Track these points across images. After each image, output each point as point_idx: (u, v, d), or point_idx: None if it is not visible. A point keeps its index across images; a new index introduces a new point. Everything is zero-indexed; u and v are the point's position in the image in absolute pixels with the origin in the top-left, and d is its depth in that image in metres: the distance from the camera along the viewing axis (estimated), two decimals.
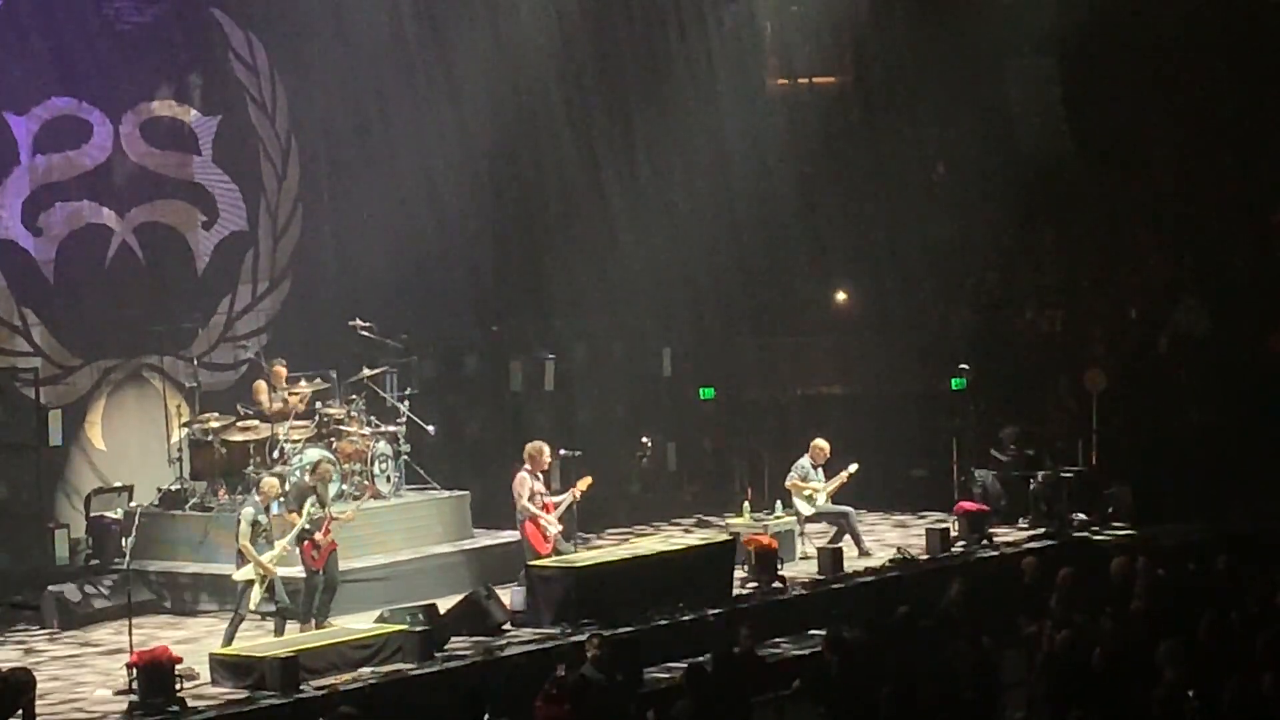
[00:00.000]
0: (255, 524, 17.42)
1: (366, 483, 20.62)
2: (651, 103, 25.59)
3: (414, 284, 23.86)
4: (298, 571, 18.14)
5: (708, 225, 25.43)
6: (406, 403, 21.68)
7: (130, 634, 17.04)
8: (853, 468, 21.58)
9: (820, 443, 21.65)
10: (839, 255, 26.54)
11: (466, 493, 21.75)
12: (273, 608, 17.54)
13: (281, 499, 18.04)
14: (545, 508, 19.28)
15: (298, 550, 17.89)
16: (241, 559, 17.45)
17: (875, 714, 12.71)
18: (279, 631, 17.53)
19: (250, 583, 17.33)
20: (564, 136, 25.36)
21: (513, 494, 19.31)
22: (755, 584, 19.76)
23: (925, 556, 21.06)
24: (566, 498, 19.51)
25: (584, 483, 19.67)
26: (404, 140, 24.07)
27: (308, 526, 17.79)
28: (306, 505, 17.86)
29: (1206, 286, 25.02)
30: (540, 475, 19.45)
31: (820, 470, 21.62)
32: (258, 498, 17.79)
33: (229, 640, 17.25)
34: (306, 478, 18.71)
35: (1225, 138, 24.46)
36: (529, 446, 19.53)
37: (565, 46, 24.92)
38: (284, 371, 20.96)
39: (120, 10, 22.42)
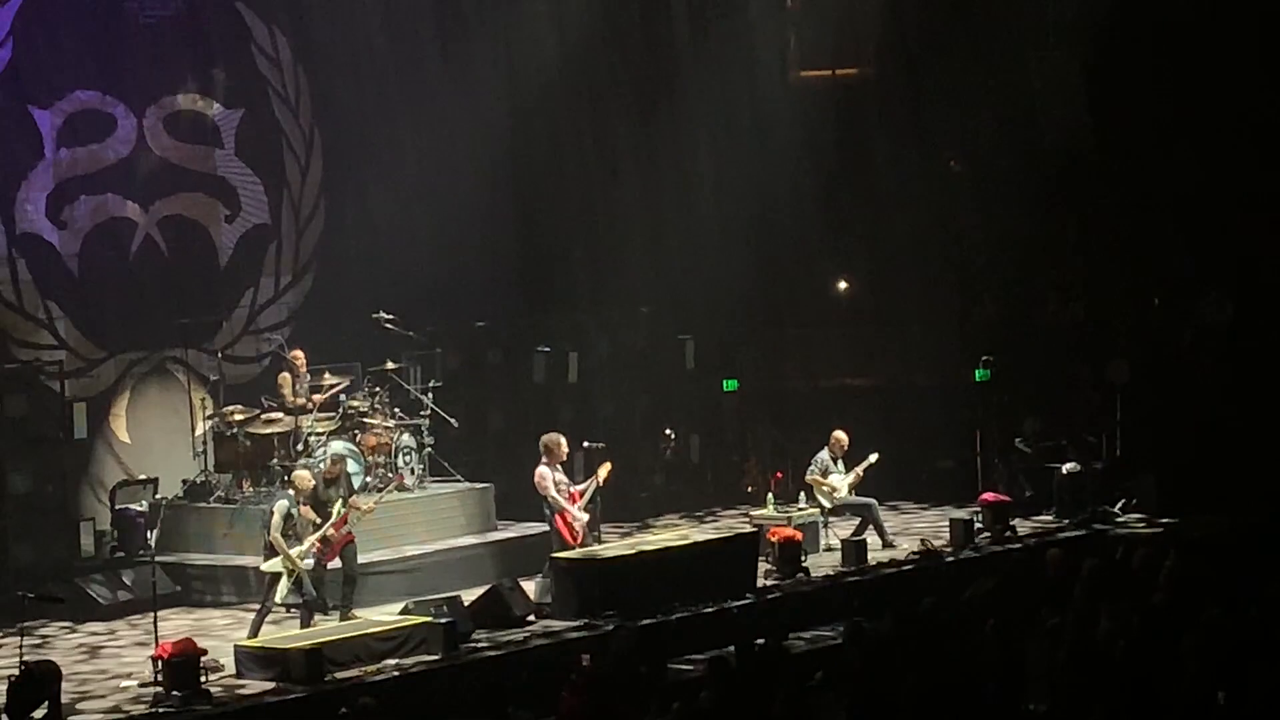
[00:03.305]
0: (288, 517, 17.45)
1: (391, 474, 20.67)
2: (672, 94, 25.58)
3: (437, 277, 23.88)
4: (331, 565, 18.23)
5: (730, 217, 25.41)
6: (430, 395, 21.73)
7: (155, 626, 17.11)
8: (872, 458, 21.58)
9: (839, 434, 21.63)
10: (861, 247, 26.52)
11: (490, 485, 21.79)
12: (299, 600, 17.59)
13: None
14: (572, 498, 19.29)
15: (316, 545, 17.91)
16: (269, 551, 17.48)
17: (898, 706, 12.71)
18: (305, 623, 17.57)
19: (278, 575, 17.37)
20: (585, 130, 25.37)
21: (536, 489, 19.32)
22: (779, 576, 19.77)
23: (949, 548, 21.08)
24: (590, 485, 19.51)
25: (604, 469, 19.65)
26: (427, 133, 24.09)
27: (322, 521, 17.82)
28: (326, 501, 17.91)
29: (1230, 277, 24.95)
30: (560, 467, 19.44)
31: (841, 462, 21.61)
32: (291, 491, 17.81)
33: (255, 632, 17.30)
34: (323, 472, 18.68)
35: (1249, 127, 24.38)
36: (545, 439, 19.50)
37: (584, 40, 24.92)
38: (303, 355, 21.00)
39: (144, 4, 22.46)
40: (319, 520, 17.76)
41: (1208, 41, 24.16)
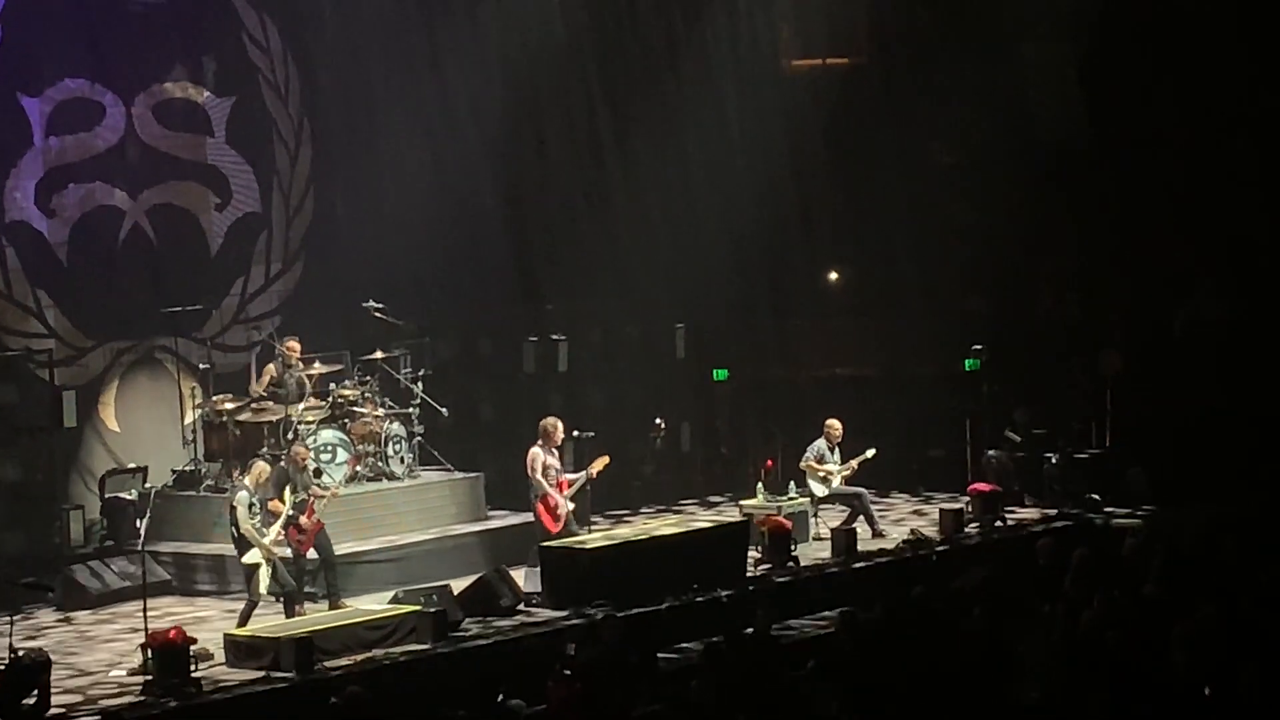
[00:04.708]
0: (251, 507, 17.43)
1: (380, 464, 20.64)
2: (666, 82, 25.55)
3: (427, 266, 23.86)
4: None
5: (721, 206, 25.38)
6: (420, 384, 21.71)
7: (145, 615, 17.07)
8: (870, 453, 21.56)
9: (833, 422, 21.65)
10: (853, 237, 26.50)
11: (480, 474, 21.78)
12: (280, 590, 17.57)
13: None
14: (559, 485, 19.28)
15: (284, 535, 17.87)
16: (243, 544, 17.44)
17: (889, 695, 12.70)
18: (289, 614, 17.55)
19: (256, 566, 17.34)
20: (575, 118, 25.33)
21: (527, 470, 19.33)
22: (769, 565, 19.76)
23: (939, 537, 21.08)
24: (581, 477, 19.51)
25: (600, 462, 19.63)
26: (417, 122, 24.06)
27: (291, 512, 17.78)
28: (285, 491, 17.85)
29: (1223, 270, 24.95)
30: (555, 451, 19.43)
31: (836, 450, 21.61)
32: (248, 481, 17.76)
33: (244, 624, 17.25)
34: (282, 464, 18.58)
35: (1243, 121, 24.37)
36: (544, 422, 19.53)
37: (575, 28, 24.88)
38: (298, 347, 20.95)
39: None
40: (291, 512, 17.73)
41: (1201, 32, 24.14)
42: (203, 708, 15.40)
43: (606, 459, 19.76)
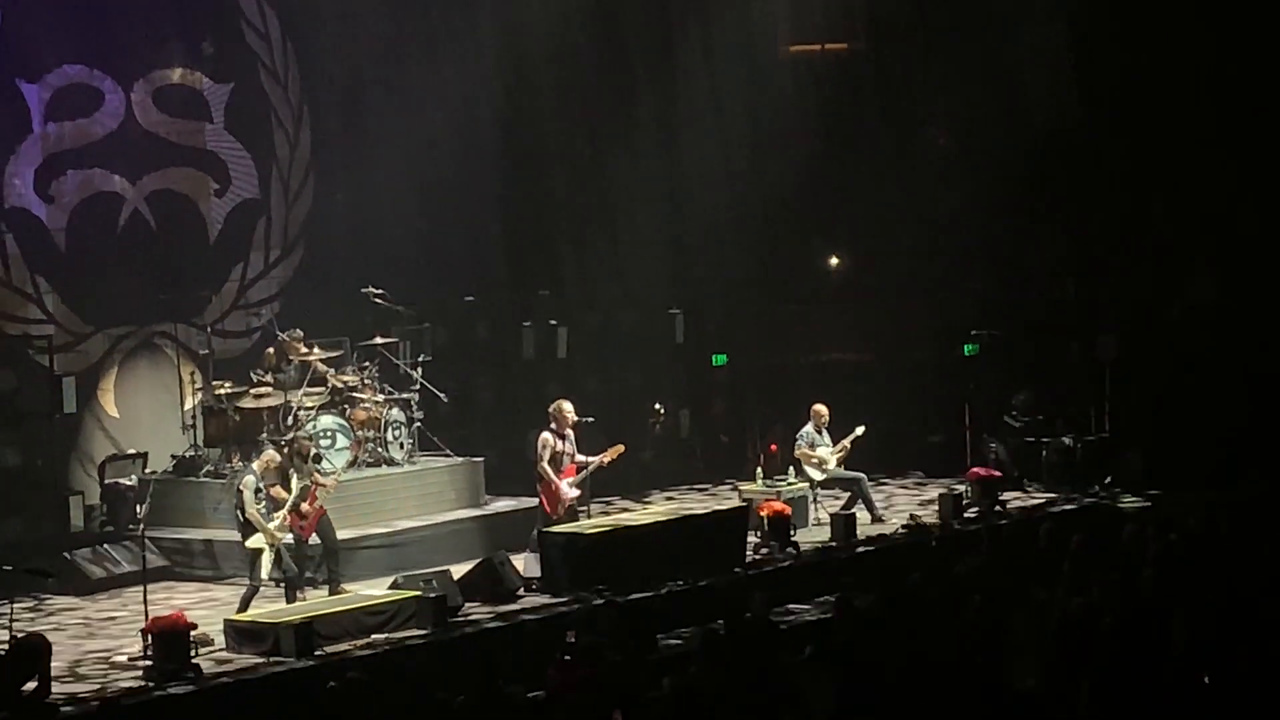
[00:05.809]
0: (257, 492, 17.46)
1: (380, 449, 20.67)
2: (662, 69, 25.55)
3: (426, 251, 23.87)
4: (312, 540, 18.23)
5: (720, 191, 25.39)
6: (419, 370, 21.74)
7: (145, 600, 17.10)
8: (859, 430, 21.56)
9: (819, 407, 21.63)
10: (852, 222, 26.51)
11: (480, 459, 21.80)
12: (282, 575, 17.60)
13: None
14: (568, 471, 19.24)
15: (287, 521, 17.87)
16: (248, 528, 17.47)
17: (886, 680, 12.73)
18: (290, 599, 17.59)
19: (260, 551, 17.37)
20: (575, 104, 25.33)
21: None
22: (768, 550, 19.79)
23: (938, 523, 21.10)
24: (593, 463, 19.44)
25: (614, 451, 19.51)
26: (415, 108, 24.06)
27: (294, 499, 17.79)
28: (292, 479, 17.86)
29: (1219, 253, 24.96)
30: (568, 434, 19.34)
31: (827, 433, 21.62)
32: (256, 467, 17.78)
33: (244, 609, 17.29)
34: (286, 452, 18.59)
35: (1239, 103, 24.38)
36: (553, 405, 19.48)
37: (574, 14, 24.87)
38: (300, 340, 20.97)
39: None
40: (287, 497, 17.76)
41: (1195, 14, 24.14)
42: (203, 693, 15.44)
43: (621, 448, 19.64)
